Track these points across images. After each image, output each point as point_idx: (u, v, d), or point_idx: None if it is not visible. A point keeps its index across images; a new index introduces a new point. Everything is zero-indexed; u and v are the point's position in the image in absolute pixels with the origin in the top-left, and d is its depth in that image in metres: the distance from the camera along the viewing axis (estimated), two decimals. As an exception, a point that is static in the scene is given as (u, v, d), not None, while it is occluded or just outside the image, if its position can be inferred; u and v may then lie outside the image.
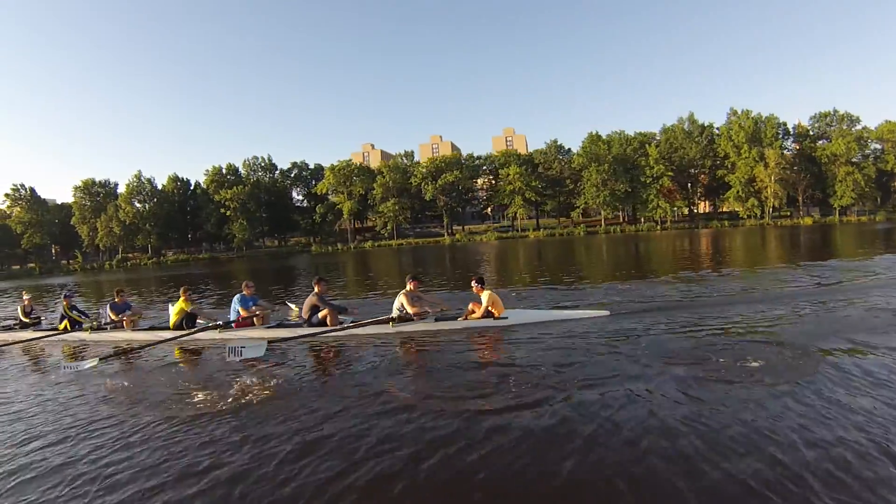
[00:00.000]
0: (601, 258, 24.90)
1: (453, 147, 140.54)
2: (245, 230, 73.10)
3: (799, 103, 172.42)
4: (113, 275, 50.94)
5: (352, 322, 7.69)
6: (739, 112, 75.78)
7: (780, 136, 75.15)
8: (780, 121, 75.79)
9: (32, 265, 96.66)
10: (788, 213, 77.11)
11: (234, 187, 74.16)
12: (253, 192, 74.52)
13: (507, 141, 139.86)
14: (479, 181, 75.62)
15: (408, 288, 7.67)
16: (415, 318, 7.41)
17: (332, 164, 72.53)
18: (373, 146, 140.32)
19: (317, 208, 73.92)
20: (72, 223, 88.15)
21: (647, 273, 15.58)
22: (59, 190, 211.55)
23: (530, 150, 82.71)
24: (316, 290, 7.95)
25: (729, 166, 73.00)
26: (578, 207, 71.61)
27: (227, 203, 73.20)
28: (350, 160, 74.75)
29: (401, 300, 7.54)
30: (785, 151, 74.45)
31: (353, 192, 70.85)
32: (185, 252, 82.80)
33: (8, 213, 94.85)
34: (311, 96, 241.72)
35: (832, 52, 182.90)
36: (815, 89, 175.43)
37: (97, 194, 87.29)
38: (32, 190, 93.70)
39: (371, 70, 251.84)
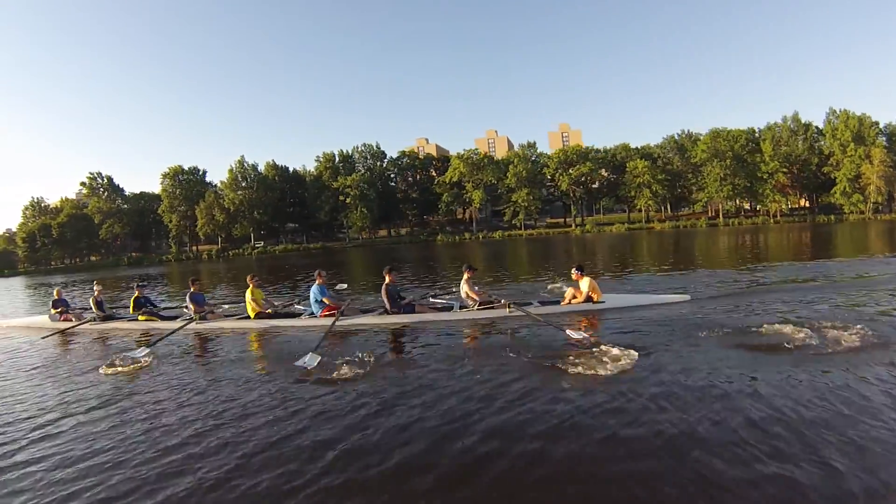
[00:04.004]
0: (742, 248, 25.03)
1: (509, 142, 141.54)
2: (366, 218, 71.86)
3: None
4: (219, 265, 48.58)
5: (461, 308, 8.24)
6: (838, 111, 79.38)
7: (878, 134, 78.85)
8: (874, 120, 79.71)
9: (94, 257, 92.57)
10: (879, 207, 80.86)
11: (353, 174, 72.90)
12: (372, 179, 73.36)
13: (563, 136, 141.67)
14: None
15: (466, 276, 8.35)
16: (474, 304, 8.02)
17: (459, 153, 72.14)
18: (427, 140, 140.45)
19: (443, 197, 73.20)
20: (159, 212, 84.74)
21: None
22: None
23: (585, 144, 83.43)
24: (387, 279, 8.33)
25: (834, 163, 76.14)
26: (700, 201, 73.30)
27: (346, 190, 71.82)
28: (476, 149, 74.42)
29: (464, 288, 8.25)
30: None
31: (482, 181, 70.63)
32: (293, 241, 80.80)
33: (84, 202, 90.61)
34: (361, 94, 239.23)
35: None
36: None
37: (186, 182, 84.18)
38: (110, 179, 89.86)
39: (421, 66, 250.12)
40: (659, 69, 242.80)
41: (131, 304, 10.03)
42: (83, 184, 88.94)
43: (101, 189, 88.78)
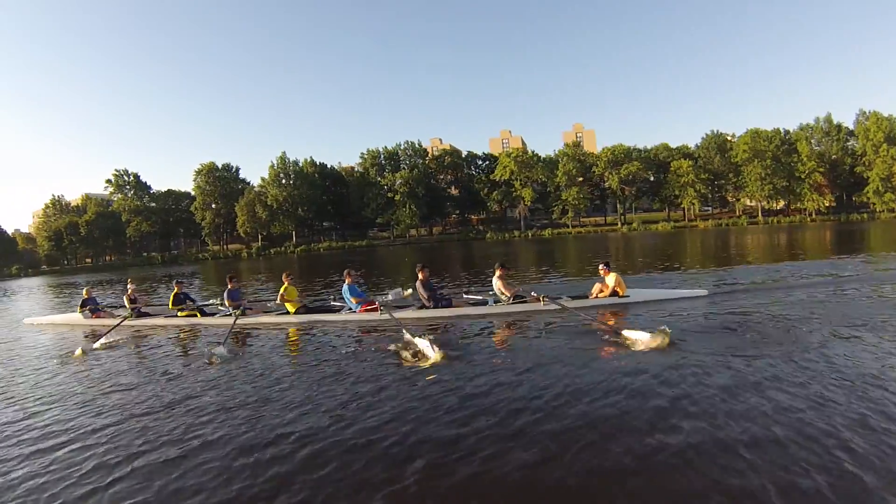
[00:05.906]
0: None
1: (523, 142, 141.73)
2: (415, 216, 71.34)
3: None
4: (259, 262, 47.05)
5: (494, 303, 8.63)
6: (868, 112, 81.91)
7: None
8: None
9: (109, 257, 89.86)
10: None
11: (400, 171, 72.35)
12: (420, 176, 72.88)
13: (577, 136, 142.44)
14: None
15: (498, 273, 8.69)
16: (509, 298, 8.39)
17: (508, 151, 72.09)
18: (441, 140, 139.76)
19: (492, 195, 73.10)
20: (191, 209, 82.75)
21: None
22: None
23: (598, 144, 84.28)
24: (420, 276, 8.63)
25: (866, 163, 78.44)
26: (741, 200, 74.68)
27: (395, 187, 71.18)
28: (525, 148, 74.48)
29: (497, 284, 8.58)
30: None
31: (530, 179, 70.78)
32: (331, 239, 79.72)
33: (108, 200, 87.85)
34: (370, 95, 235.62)
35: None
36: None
37: (221, 179, 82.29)
38: (136, 176, 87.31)
39: (431, 66, 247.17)
40: (665, 70, 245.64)
41: (171, 300, 9.95)
42: (109, 181, 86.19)
43: (128, 187, 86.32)
